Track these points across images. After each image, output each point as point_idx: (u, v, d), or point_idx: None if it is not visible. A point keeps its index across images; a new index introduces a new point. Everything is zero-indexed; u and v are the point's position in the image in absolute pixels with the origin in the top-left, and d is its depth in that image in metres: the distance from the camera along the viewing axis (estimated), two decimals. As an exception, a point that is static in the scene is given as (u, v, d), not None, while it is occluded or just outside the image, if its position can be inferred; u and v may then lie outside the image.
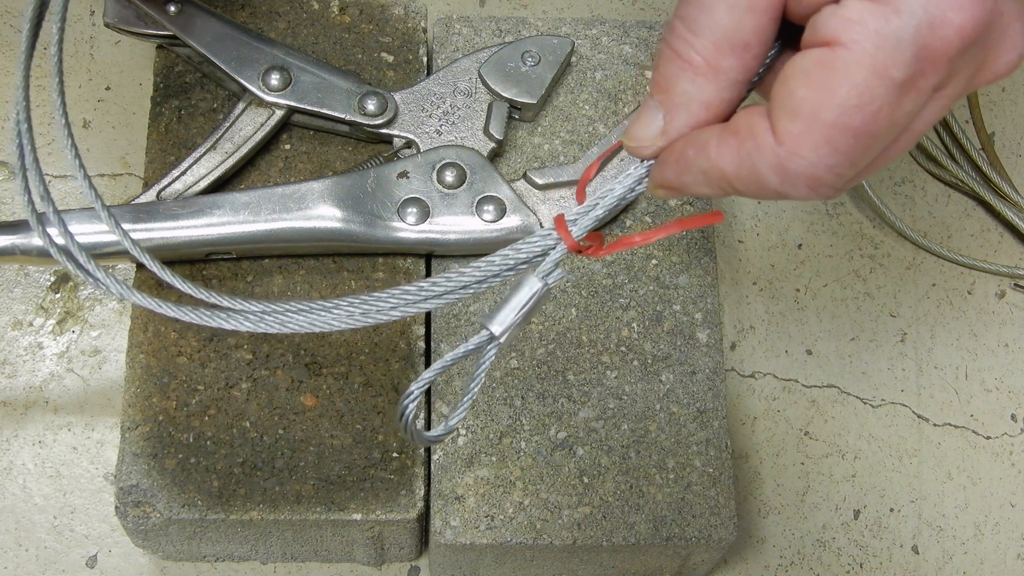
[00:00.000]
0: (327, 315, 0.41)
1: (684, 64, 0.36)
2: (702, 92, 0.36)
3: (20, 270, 0.61)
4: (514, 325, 0.38)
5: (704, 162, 0.36)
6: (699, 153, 0.36)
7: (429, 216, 0.55)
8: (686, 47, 0.36)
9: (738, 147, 0.35)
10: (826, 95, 0.33)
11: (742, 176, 0.35)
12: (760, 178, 0.35)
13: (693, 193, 0.38)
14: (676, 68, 0.36)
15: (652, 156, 0.38)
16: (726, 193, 0.37)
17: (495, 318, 0.38)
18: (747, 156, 0.35)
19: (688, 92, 0.36)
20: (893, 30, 0.32)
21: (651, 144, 0.38)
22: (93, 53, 0.67)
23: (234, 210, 0.54)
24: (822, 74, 0.33)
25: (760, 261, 0.65)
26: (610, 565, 0.55)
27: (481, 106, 0.58)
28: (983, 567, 0.60)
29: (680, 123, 0.37)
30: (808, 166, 0.34)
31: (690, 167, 0.37)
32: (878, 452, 0.62)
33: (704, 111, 0.36)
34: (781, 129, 0.34)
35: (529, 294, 0.38)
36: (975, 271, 0.66)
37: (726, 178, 0.36)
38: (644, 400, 0.54)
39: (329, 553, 0.56)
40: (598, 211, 0.39)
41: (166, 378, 0.53)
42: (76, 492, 0.57)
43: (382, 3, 0.62)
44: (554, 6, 0.71)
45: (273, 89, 0.56)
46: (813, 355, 0.63)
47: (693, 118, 0.37)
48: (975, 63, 0.35)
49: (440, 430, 0.39)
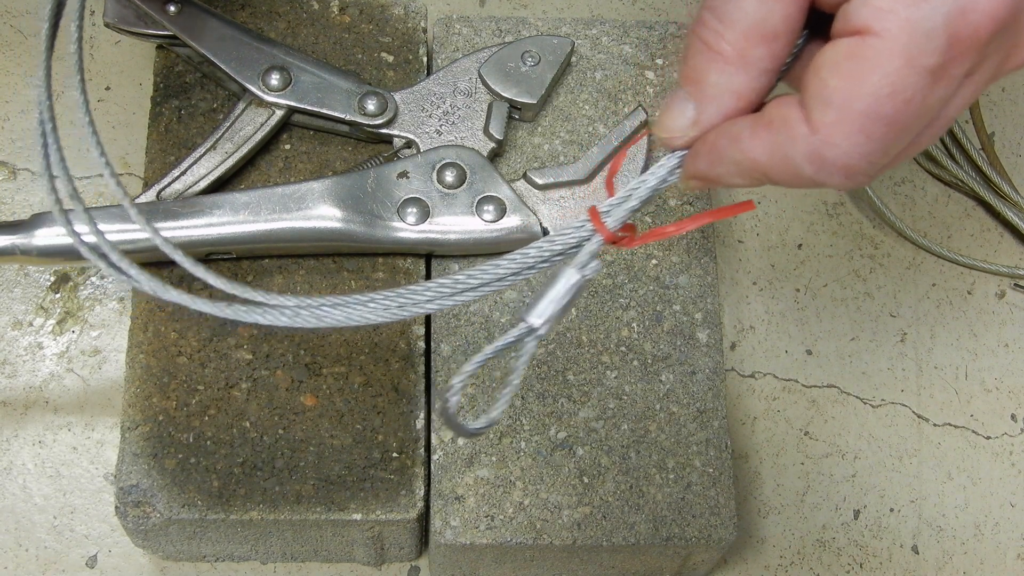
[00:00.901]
0: (362, 308, 0.41)
1: (714, 55, 0.36)
2: (733, 82, 0.36)
3: (20, 270, 0.61)
4: (553, 317, 0.38)
5: (737, 153, 0.36)
6: (732, 144, 0.37)
7: (429, 216, 0.55)
8: (716, 38, 0.36)
9: (771, 137, 0.36)
10: (859, 84, 0.34)
11: (776, 166, 0.36)
12: (795, 167, 0.35)
13: (726, 184, 0.38)
14: (706, 59, 0.36)
15: (684, 146, 0.38)
16: (759, 183, 0.37)
17: (533, 310, 0.38)
18: (781, 146, 0.35)
19: (719, 82, 0.37)
20: (924, 18, 0.33)
21: (683, 134, 0.38)
22: (93, 53, 0.67)
23: (234, 210, 0.54)
24: (854, 63, 0.34)
25: (760, 261, 0.65)
26: (610, 565, 0.55)
27: (481, 106, 0.58)
28: (983, 567, 0.60)
29: (712, 113, 0.37)
30: (842, 155, 0.34)
31: (723, 158, 0.37)
32: (878, 452, 0.62)
33: (735, 101, 0.37)
34: (815, 119, 0.34)
35: (567, 286, 0.38)
36: (975, 271, 0.66)
37: (760, 168, 0.36)
38: (644, 400, 0.54)
39: (329, 553, 0.56)
40: (632, 202, 0.39)
41: (166, 378, 0.53)
42: (76, 492, 0.57)
43: (382, 3, 0.62)
44: (554, 6, 0.71)
45: (273, 89, 0.56)
46: (813, 355, 0.63)
47: (724, 108, 0.37)
48: (1004, 49, 0.35)
49: (483, 423, 0.39)
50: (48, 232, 0.52)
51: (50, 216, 0.52)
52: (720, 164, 0.37)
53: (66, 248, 0.52)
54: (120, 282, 0.47)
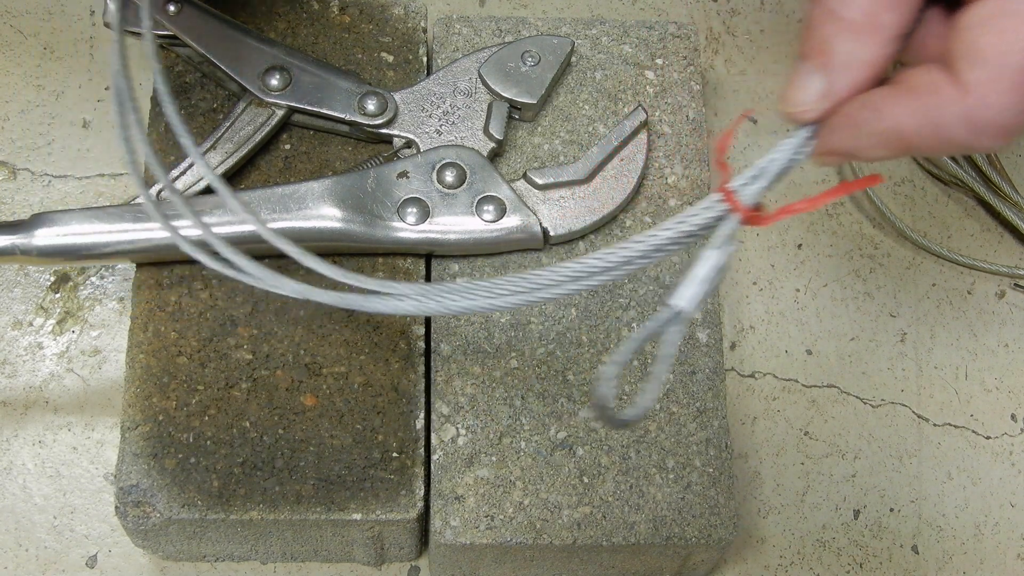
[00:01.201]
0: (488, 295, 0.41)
1: (842, 23, 0.36)
2: (863, 50, 0.36)
3: (20, 270, 0.61)
4: (698, 299, 0.38)
5: (879, 123, 0.36)
6: (874, 115, 0.36)
7: (429, 216, 0.55)
8: (842, 5, 0.36)
9: (918, 104, 0.35)
10: (1012, 40, 0.33)
11: (924, 133, 0.35)
12: (946, 132, 0.35)
13: (864, 157, 0.37)
14: (833, 28, 0.36)
15: (815, 120, 0.38)
16: (901, 154, 0.37)
17: (678, 294, 0.38)
18: (930, 112, 0.35)
19: (849, 51, 0.36)
20: None
21: (814, 107, 0.37)
22: (93, 53, 0.67)
23: (234, 210, 0.53)
24: (1005, 20, 0.33)
25: (760, 261, 0.65)
26: (610, 565, 0.55)
27: (481, 106, 0.58)
28: (983, 567, 0.60)
29: (844, 83, 0.37)
30: (997, 114, 0.34)
31: (864, 130, 0.36)
32: (878, 452, 0.62)
33: (867, 69, 0.36)
34: (966, 79, 0.34)
35: (712, 267, 0.38)
36: (975, 271, 0.66)
37: (904, 137, 0.36)
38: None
39: (329, 553, 0.56)
40: (763, 181, 0.38)
41: (166, 378, 0.53)
42: (76, 492, 0.57)
43: (382, 3, 0.62)
44: (554, 6, 0.71)
45: (273, 89, 0.56)
46: (813, 355, 0.63)
47: (856, 77, 0.36)
48: None
49: (635, 412, 0.38)
50: (48, 232, 0.52)
51: (50, 216, 0.52)
52: (860, 136, 0.37)
53: (66, 248, 0.52)
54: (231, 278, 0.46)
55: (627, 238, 0.39)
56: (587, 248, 0.57)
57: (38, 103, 0.65)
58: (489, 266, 0.56)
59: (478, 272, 0.56)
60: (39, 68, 0.66)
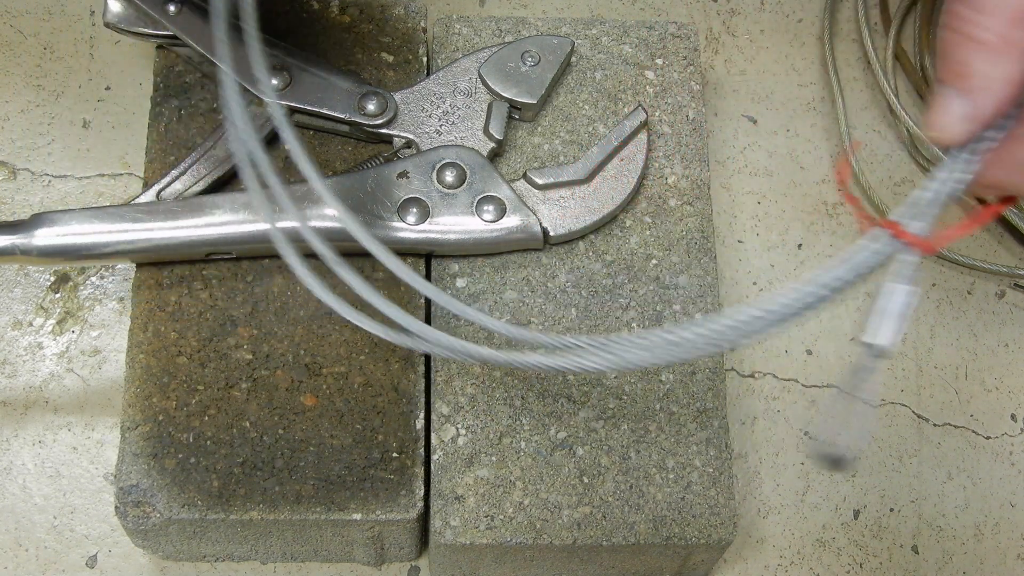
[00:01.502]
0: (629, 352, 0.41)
1: (978, 45, 0.36)
2: (1003, 69, 0.37)
3: (20, 270, 0.61)
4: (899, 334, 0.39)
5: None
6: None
7: (429, 216, 0.55)
8: (976, 28, 0.36)
9: None
10: None
11: None
12: None
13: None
14: (969, 50, 0.37)
15: (962, 143, 0.38)
16: None
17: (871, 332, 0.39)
18: None
19: (988, 71, 0.37)
20: None
21: (960, 130, 0.38)
22: (93, 53, 0.67)
23: (234, 210, 0.54)
24: None
25: (760, 261, 0.65)
26: (610, 565, 0.55)
27: (481, 106, 0.58)
28: (983, 567, 0.60)
29: (986, 102, 0.37)
30: None
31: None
32: (878, 452, 0.62)
33: (1007, 88, 0.37)
34: None
35: (907, 302, 0.39)
36: (975, 271, 0.66)
37: None
38: (644, 400, 0.54)
39: (329, 553, 0.56)
40: (934, 210, 0.40)
41: (166, 378, 0.53)
42: (76, 492, 0.57)
43: (382, 3, 0.62)
44: (554, 6, 0.71)
45: (273, 89, 0.56)
46: (813, 355, 0.63)
47: (997, 96, 0.37)
48: None
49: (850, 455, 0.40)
50: (48, 232, 0.52)
51: (50, 216, 0.52)
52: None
53: (66, 248, 0.52)
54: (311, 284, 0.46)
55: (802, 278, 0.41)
56: (587, 248, 0.57)
57: (38, 103, 0.65)
58: (489, 266, 0.56)
59: (478, 272, 0.56)
60: (39, 68, 0.66)
